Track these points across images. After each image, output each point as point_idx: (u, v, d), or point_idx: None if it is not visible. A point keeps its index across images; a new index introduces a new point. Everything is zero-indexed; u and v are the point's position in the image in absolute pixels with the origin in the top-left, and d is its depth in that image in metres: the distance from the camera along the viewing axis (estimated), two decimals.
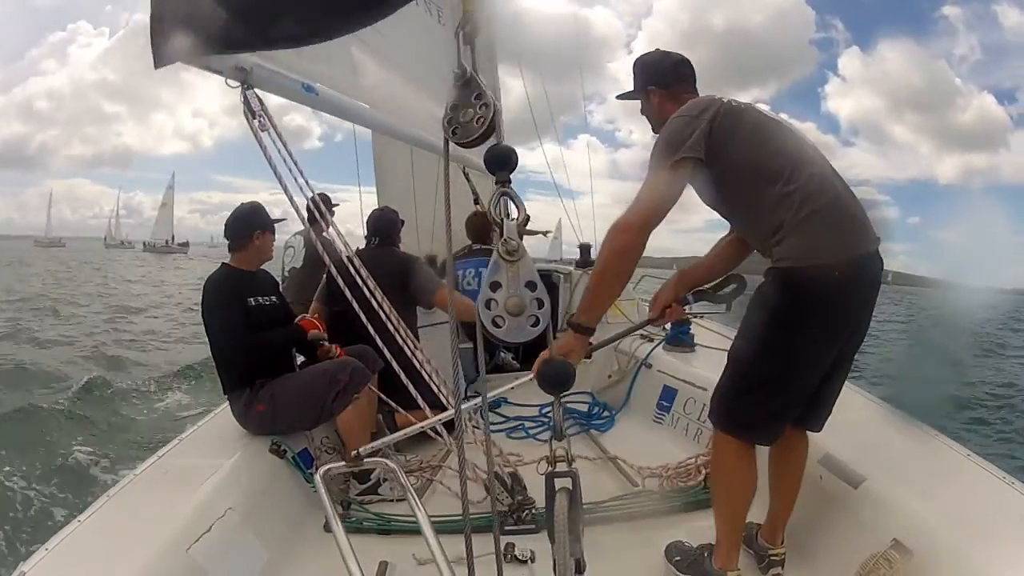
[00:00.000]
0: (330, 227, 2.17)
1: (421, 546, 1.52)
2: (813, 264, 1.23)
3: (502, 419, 2.65)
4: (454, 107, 0.62)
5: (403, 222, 2.74)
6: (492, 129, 0.61)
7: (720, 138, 1.28)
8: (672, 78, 1.49)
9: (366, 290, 2.05)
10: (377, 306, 2.06)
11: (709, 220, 1.31)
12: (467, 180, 4.00)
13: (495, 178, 0.63)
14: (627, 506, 1.81)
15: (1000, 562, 1.15)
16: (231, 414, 1.96)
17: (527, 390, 2.23)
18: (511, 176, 0.64)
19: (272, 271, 2.42)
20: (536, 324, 0.63)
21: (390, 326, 2.08)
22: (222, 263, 2.08)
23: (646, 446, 2.29)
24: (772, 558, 1.47)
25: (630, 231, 1.24)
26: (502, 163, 0.63)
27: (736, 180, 1.32)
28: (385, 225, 2.61)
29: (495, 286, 0.63)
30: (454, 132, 0.61)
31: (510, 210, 0.64)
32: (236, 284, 2.00)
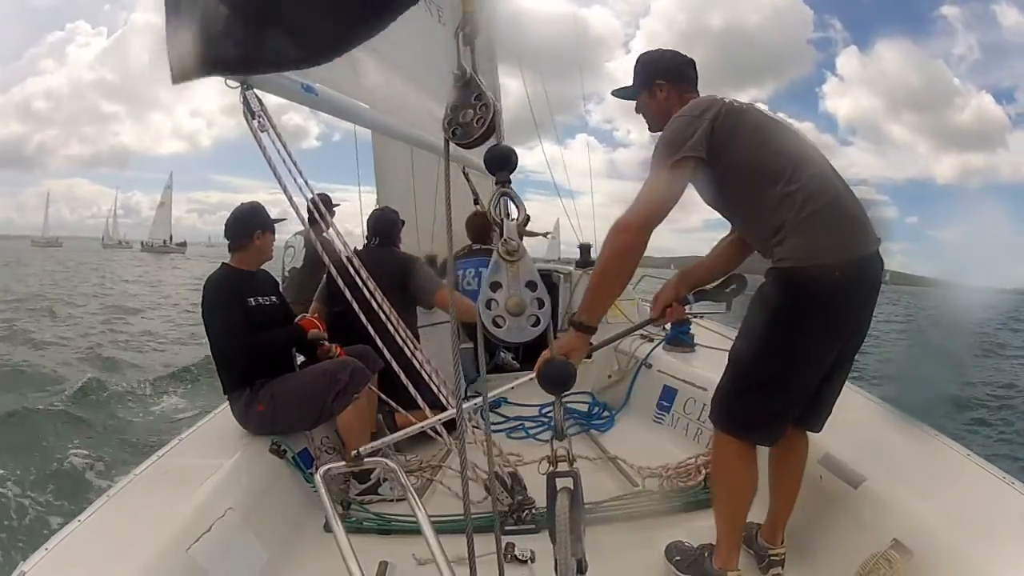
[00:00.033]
0: (330, 228, 2.17)
1: (421, 546, 1.51)
2: (814, 264, 1.23)
3: (502, 419, 2.65)
4: (454, 108, 0.61)
5: (403, 222, 2.74)
6: (492, 129, 0.60)
7: (722, 138, 1.28)
8: (681, 76, 1.49)
9: (366, 291, 2.04)
10: (377, 306, 2.06)
11: (707, 220, 1.31)
12: (467, 180, 4.00)
13: (495, 178, 0.63)
14: (627, 506, 1.80)
15: (1000, 562, 1.15)
16: (231, 414, 1.96)
17: (527, 390, 2.23)
18: (511, 176, 0.63)
19: (272, 271, 2.42)
20: (536, 324, 0.63)
21: (390, 326, 2.08)
22: (222, 263, 2.08)
23: (646, 446, 2.29)
24: (772, 558, 1.47)
25: (631, 230, 1.24)
26: (502, 163, 0.63)
27: (737, 180, 1.31)
28: (385, 225, 2.61)
29: (495, 286, 0.63)
30: (454, 133, 0.61)
31: (510, 210, 0.64)
32: (236, 284, 2.00)
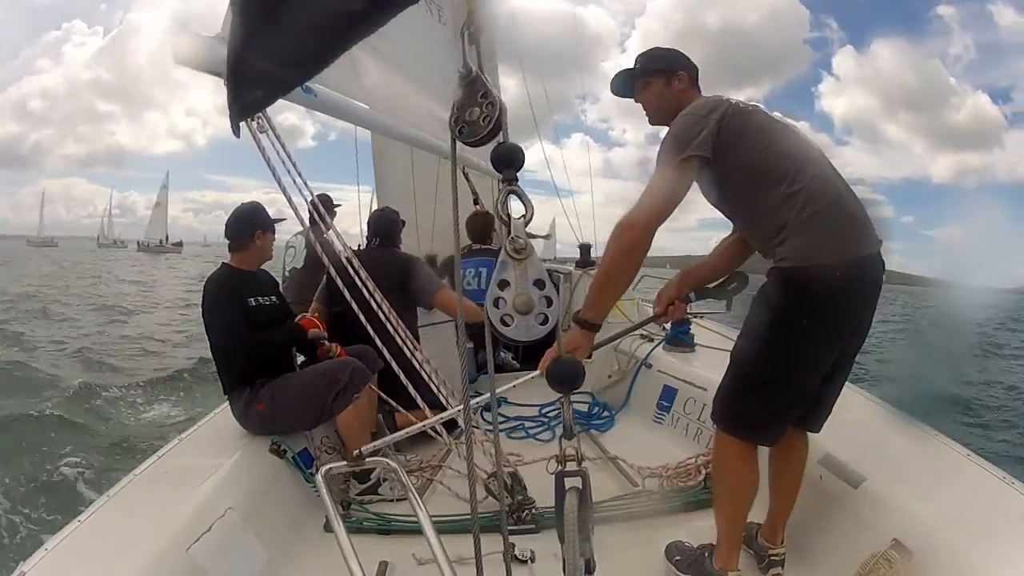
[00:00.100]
0: (330, 230, 2.16)
1: (421, 546, 1.51)
2: (815, 264, 1.23)
3: (502, 419, 2.65)
4: (460, 106, 0.61)
5: (404, 222, 2.74)
6: (499, 128, 0.60)
7: (727, 138, 1.28)
8: (695, 76, 1.49)
9: (365, 291, 2.04)
10: (376, 307, 2.06)
11: (704, 219, 1.32)
12: (467, 180, 4.01)
13: (502, 176, 0.63)
14: (627, 506, 1.80)
15: (1000, 562, 1.15)
16: (231, 414, 1.95)
17: (527, 390, 2.22)
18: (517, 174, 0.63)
19: (272, 271, 2.41)
20: (545, 322, 0.63)
21: (389, 327, 2.08)
22: (222, 263, 2.07)
23: (646, 446, 2.29)
24: (772, 558, 1.47)
25: (635, 229, 1.24)
26: (508, 161, 0.63)
27: (741, 180, 1.32)
28: (386, 225, 2.60)
29: (503, 284, 0.63)
30: (460, 131, 0.61)
31: (517, 208, 0.64)
32: (236, 284, 2.00)
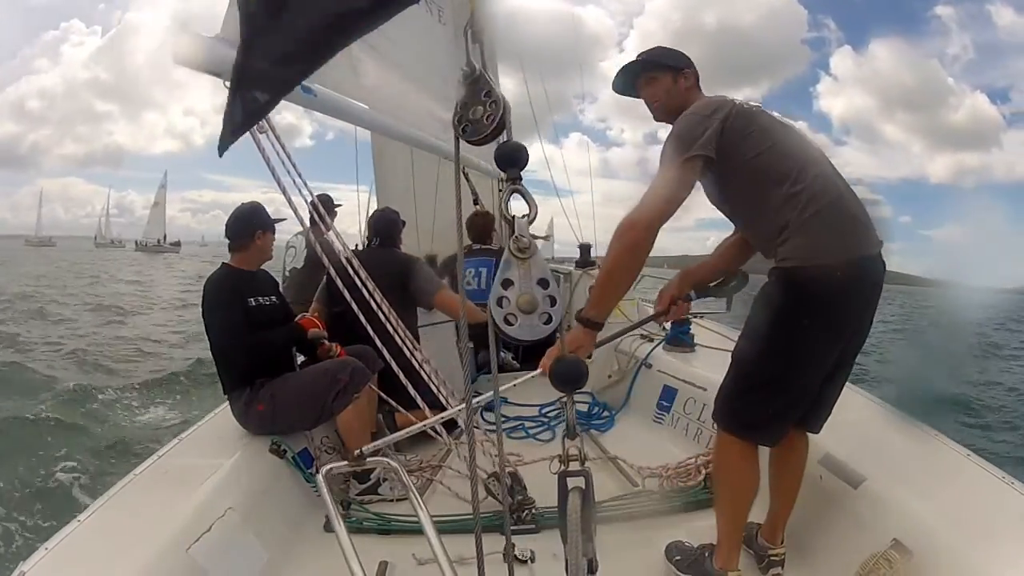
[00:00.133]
0: (330, 230, 2.16)
1: (421, 546, 1.52)
2: (816, 264, 1.24)
3: (502, 419, 2.65)
4: (463, 105, 0.61)
5: (404, 223, 2.74)
6: (502, 126, 0.60)
7: (731, 138, 1.28)
8: (698, 78, 1.49)
9: (365, 291, 2.04)
10: (376, 307, 2.06)
11: (700, 219, 1.32)
12: (467, 180, 4.01)
13: (506, 175, 0.63)
14: (627, 506, 1.80)
15: (1000, 562, 1.15)
16: (231, 414, 1.95)
17: (527, 390, 2.22)
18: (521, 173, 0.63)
19: (273, 271, 2.41)
20: (548, 322, 0.63)
21: (389, 327, 2.08)
22: (222, 263, 2.07)
23: (646, 446, 2.29)
24: (772, 558, 1.47)
25: (638, 228, 1.24)
26: (512, 160, 0.63)
27: (744, 180, 1.32)
28: (386, 226, 2.60)
29: (507, 283, 0.63)
30: (464, 130, 0.61)
31: (521, 207, 0.64)
32: (236, 284, 1.99)
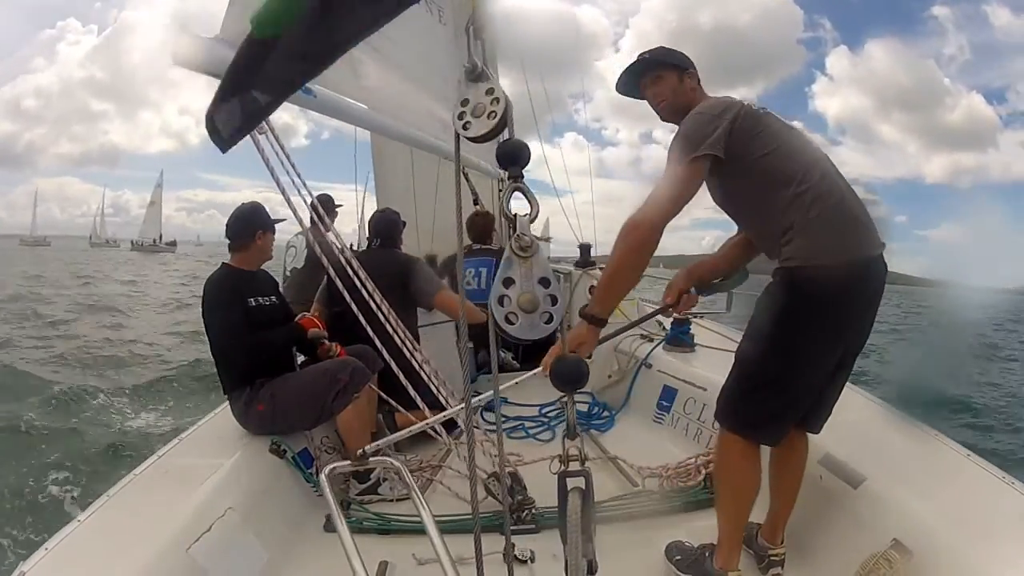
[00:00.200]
0: (329, 231, 2.15)
1: (421, 546, 1.52)
2: (820, 264, 1.24)
3: (502, 419, 2.65)
4: (465, 101, 0.61)
5: (404, 223, 2.74)
6: (504, 124, 0.60)
7: (740, 139, 1.29)
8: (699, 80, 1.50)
9: (365, 292, 2.04)
10: (376, 307, 2.05)
11: (696, 220, 1.32)
12: (467, 180, 4.01)
13: (507, 173, 0.63)
14: (627, 506, 1.80)
15: (1000, 562, 1.15)
16: (231, 414, 1.95)
17: (527, 390, 2.23)
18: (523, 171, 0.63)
19: (273, 271, 2.41)
20: (549, 321, 0.62)
21: (389, 327, 2.08)
22: (222, 263, 2.07)
23: (646, 446, 2.29)
24: (772, 558, 1.47)
25: (643, 227, 1.24)
26: (514, 158, 0.62)
27: (750, 182, 1.33)
28: (386, 226, 2.60)
29: (508, 282, 0.62)
30: (465, 127, 0.61)
31: (523, 206, 0.64)
32: (236, 284, 1.99)
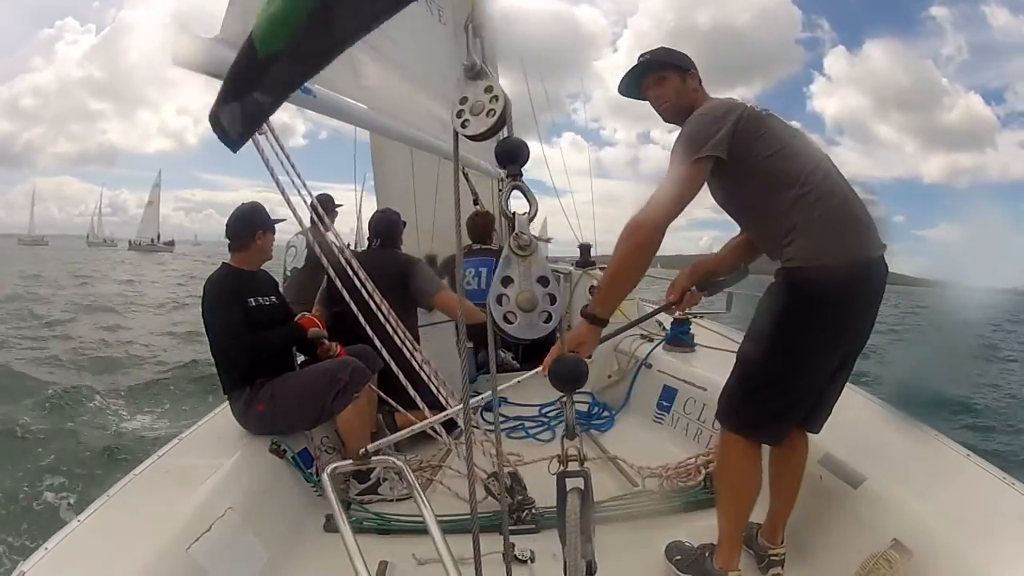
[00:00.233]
0: (328, 231, 2.15)
1: (421, 546, 1.52)
2: (822, 264, 1.25)
3: (502, 419, 2.64)
4: (464, 100, 0.61)
5: (405, 223, 2.74)
6: (503, 122, 0.60)
7: (743, 140, 1.29)
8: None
9: (364, 292, 2.04)
10: (376, 307, 2.05)
11: (692, 220, 1.32)
12: (467, 180, 4.01)
13: (506, 171, 0.62)
14: (627, 506, 1.80)
15: (1000, 562, 1.15)
16: (231, 414, 1.95)
17: (527, 390, 2.23)
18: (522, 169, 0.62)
19: (274, 271, 2.41)
20: (548, 320, 0.62)
21: (388, 327, 2.08)
22: (222, 263, 2.07)
23: (646, 446, 2.29)
24: (772, 558, 1.47)
25: (647, 227, 1.24)
26: (513, 156, 0.62)
27: (753, 183, 1.33)
28: (387, 227, 2.60)
29: (506, 281, 0.62)
30: (464, 125, 0.60)
31: (522, 204, 0.63)
32: (237, 284, 1.99)
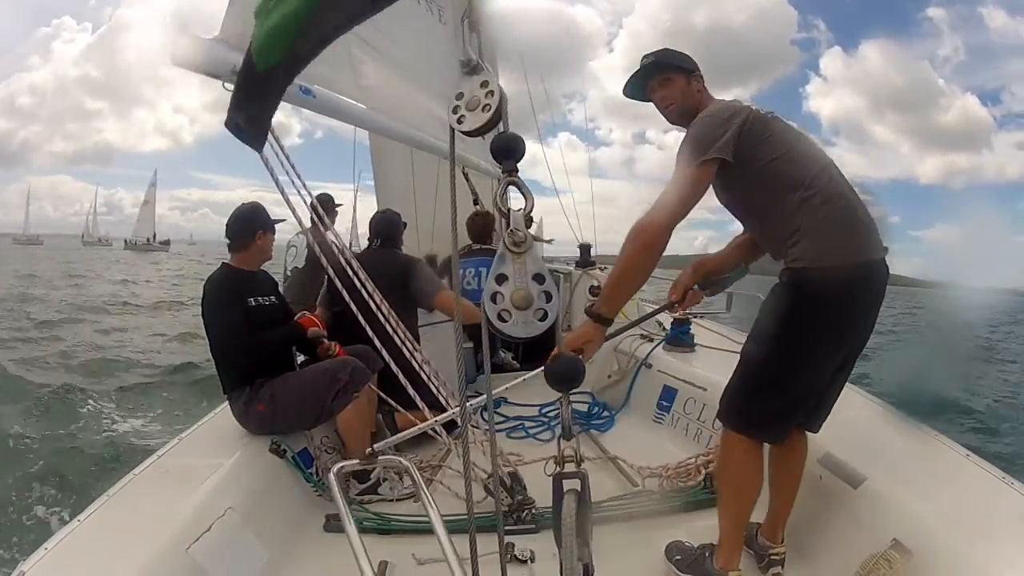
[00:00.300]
0: (328, 231, 2.15)
1: (420, 546, 1.52)
2: (826, 266, 1.25)
3: (502, 419, 2.64)
4: (459, 95, 0.60)
5: (405, 224, 2.74)
6: (499, 117, 0.59)
7: (750, 142, 1.29)
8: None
9: (364, 292, 2.04)
10: (376, 308, 2.05)
11: (690, 220, 1.32)
12: (467, 180, 4.01)
13: (502, 167, 0.62)
14: (627, 506, 1.81)
15: (999, 562, 1.15)
16: (231, 414, 1.95)
17: (528, 389, 2.23)
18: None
19: (274, 271, 2.40)
20: (544, 318, 0.61)
21: (388, 327, 2.08)
22: (222, 263, 2.07)
23: (646, 446, 2.29)
24: (772, 557, 1.47)
25: (653, 229, 1.24)
26: (509, 151, 0.62)
27: (758, 185, 1.33)
28: (387, 227, 2.61)
29: (501, 279, 0.61)
30: (460, 121, 0.60)
31: (519, 201, 0.63)
32: (237, 284, 1.99)
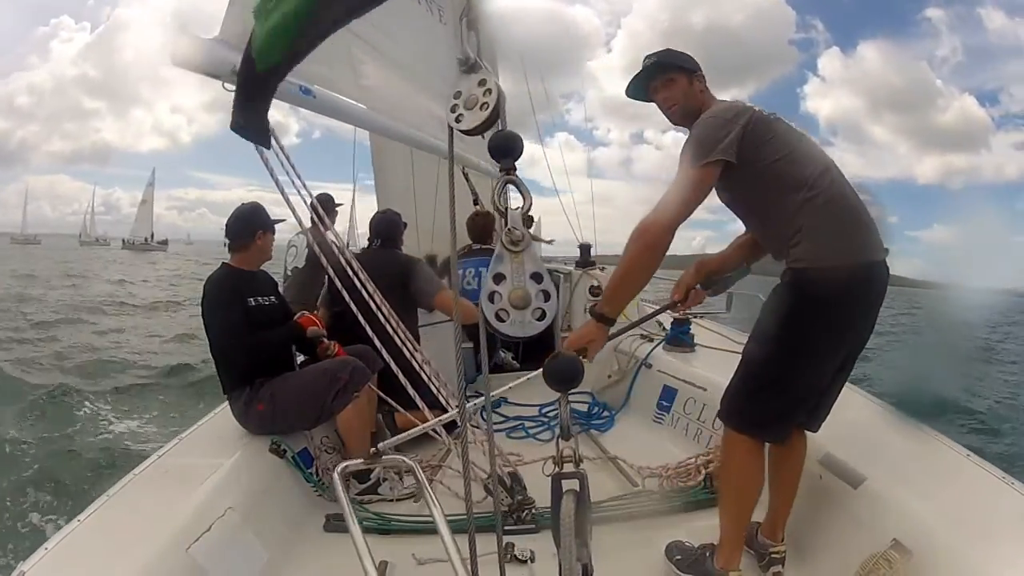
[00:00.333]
0: (328, 231, 2.15)
1: (420, 546, 1.52)
2: (826, 266, 1.26)
3: (502, 419, 2.64)
4: (457, 94, 0.60)
5: (406, 224, 2.74)
6: (497, 115, 0.59)
7: (752, 143, 1.29)
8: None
9: (364, 292, 2.04)
10: (376, 308, 2.05)
11: (689, 219, 1.32)
12: (467, 180, 4.00)
13: (500, 166, 0.62)
14: (627, 506, 1.81)
15: (999, 562, 1.15)
16: (231, 414, 1.95)
17: (528, 389, 2.23)
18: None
19: (274, 271, 2.40)
20: (542, 318, 0.61)
21: (388, 327, 2.08)
22: (222, 263, 2.07)
23: (646, 446, 2.29)
24: (773, 556, 1.47)
25: (656, 229, 1.25)
26: (507, 149, 0.61)
27: (761, 186, 1.33)
28: (387, 227, 2.61)
29: (499, 278, 0.61)
30: (458, 120, 0.60)
31: (516, 198, 0.63)
32: (237, 284, 1.99)
